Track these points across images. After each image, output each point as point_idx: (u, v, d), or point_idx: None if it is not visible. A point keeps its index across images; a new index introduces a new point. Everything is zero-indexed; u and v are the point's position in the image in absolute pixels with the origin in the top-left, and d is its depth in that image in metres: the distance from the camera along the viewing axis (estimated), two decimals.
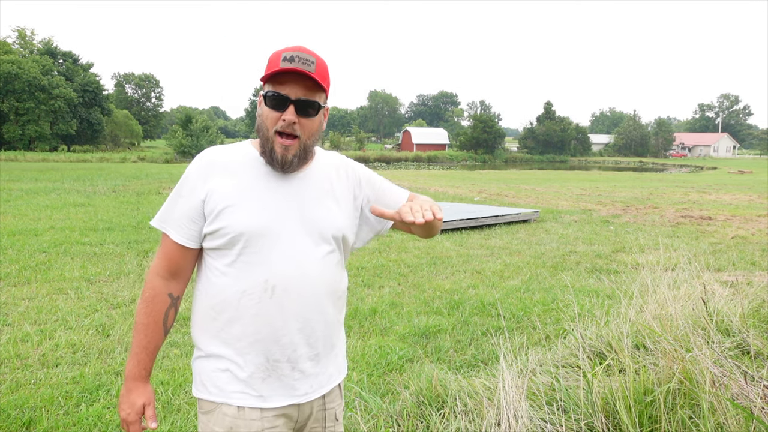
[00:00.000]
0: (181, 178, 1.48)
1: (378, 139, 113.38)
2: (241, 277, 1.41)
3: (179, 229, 1.44)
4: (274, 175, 1.45)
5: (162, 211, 1.48)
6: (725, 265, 7.16)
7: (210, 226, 1.42)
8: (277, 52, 1.42)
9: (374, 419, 2.94)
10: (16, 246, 7.75)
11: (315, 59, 1.41)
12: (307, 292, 1.43)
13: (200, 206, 1.42)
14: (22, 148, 47.07)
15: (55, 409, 3.23)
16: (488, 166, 58.02)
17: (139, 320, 1.47)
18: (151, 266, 1.49)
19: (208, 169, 1.44)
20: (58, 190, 15.42)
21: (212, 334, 1.45)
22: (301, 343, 1.45)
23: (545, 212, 12.81)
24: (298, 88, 1.39)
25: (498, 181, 26.23)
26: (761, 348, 3.35)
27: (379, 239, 9.01)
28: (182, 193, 1.45)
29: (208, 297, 1.46)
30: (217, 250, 1.44)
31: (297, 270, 1.42)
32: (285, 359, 1.44)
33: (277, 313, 1.41)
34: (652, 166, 63.76)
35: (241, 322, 1.41)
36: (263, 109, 1.43)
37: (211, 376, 1.45)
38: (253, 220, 1.40)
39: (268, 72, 1.40)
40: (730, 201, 16.41)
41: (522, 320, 4.96)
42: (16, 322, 4.72)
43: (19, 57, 50.18)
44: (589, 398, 2.67)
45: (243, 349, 1.42)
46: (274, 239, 1.41)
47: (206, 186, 1.42)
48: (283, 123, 1.39)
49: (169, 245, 1.46)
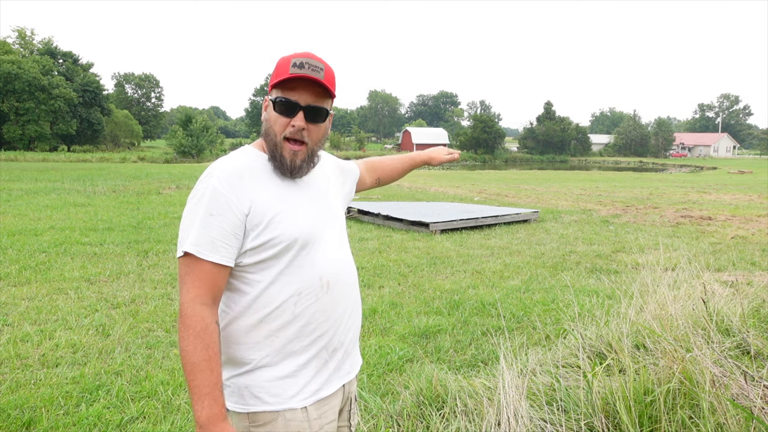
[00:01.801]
0: (199, 197, 1.38)
1: (378, 139, 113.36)
2: (292, 281, 1.41)
3: (222, 249, 1.36)
4: (288, 178, 1.47)
5: (194, 236, 1.35)
6: (725, 265, 7.16)
7: (257, 239, 1.38)
8: (285, 58, 1.43)
9: (374, 419, 2.94)
10: (16, 246, 7.75)
11: (324, 66, 1.43)
12: (350, 279, 1.55)
13: (243, 221, 1.37)
14: (22, 148, 47.10)
15: (55, 409, 3.23)
16: (488, 166, 58.01)
17: (198, 358, 1.31)
18: (187, 297, 1.35)
19: (239, 180, 1.39)
20: (58, 190, 15.42)
21: (263, 346, 1.42)
22: (351, 326, 1.56)
23: (545, 212, 12.81)
24: (308, 94, 1.41)
25: (498, 181, 26.23)
26: (761, 348, 3.35)
27: (380, 239, 9.01)
28: (215, 211, 1.35)
29: (253, 312, 1.41)
30: (262, 263, 1.40)
31: (340, 263, 1.52)
32: (340, 346, 1.52)
33: (333, 305, 1.48)
34: (652, 166, 63.76)
35: (299, 324, 1.43)
36: (271, 114, 1.44)
37: (265, 387, 1.42)
38: (302, 224, 1.43)
39: (278, 78, 1.41)
40: (730, 201, 16.40)
41: (522, 320, 4.96)
42: (16, 322, 4.72)
43: (19, 57, 50.19)
44: (589, 398, 2.67)
45: (303, 349, 1.44)
46: (318, 239, 1.47)
47: (245, 198, 1.38)
48: (292, 129, 1.41)
49: (210, 270, 1.36)
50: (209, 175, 1.39)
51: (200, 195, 1.38)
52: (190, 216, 1.37)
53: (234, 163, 1.43)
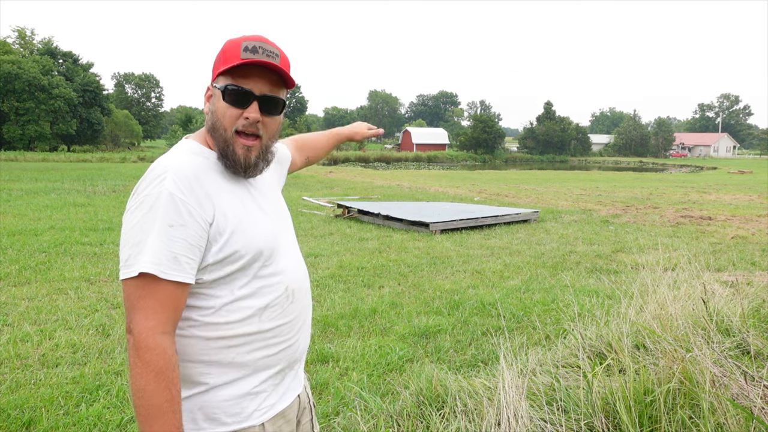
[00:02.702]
0: (151, 205, 1.17)
1: (378, 139, 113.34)
2: (258, 294, 1.28)
3: (186, 266, 1.17)
4: (241, 178, 1.34)
5: (152, 252, 1.14)
6: (725, 265, 7.16)
7: (221, 253, 1.22)
8: (234, 41, 1.27)
9: (374, 419, 2.94)
10: (16, 246, 7.75)
11: (279, 52, 1.28)
12: (307, 287, 1.45)
13: (207, 230, 1.20)
14: (22, 148, 47.03)
15: (55, 409, 3.23)
16: (488, 166, 58.00)
17: (161, 399, 1.12)
18: (144, 326, 1.13)
19: (197, 183, 1.22)
20: (58, 190, 15.42)
21: (222, 364, 1.27)
22: (307, 334, 1.46)
23: (545, 212, 12.81)
24: (263, 82, 1.26)
25: (498, 181, 26.23)
26: (761, 348, 3.35)
27: (380, 239, 9.01)
28: (175, 221, 1.16)
29: (211, 330, 1.24)
30: (224, 278, 1.24)
31: (299, 269, 1.42)
32: (301, 355, 1.43)
33: (297, 314, 1.38)
34: (652, 166, 63.75)
35: (265, 338, 1.29)
36: (220, 105, 1.27)
37: (222, 407, 1.27)
38: (265, 232, 1.30)
39: (228, 64, 1.24)
40: (730, 201, 16.40)
41: (522, 320, 4.96)
42: (16, 322, 4.72)
43: (19, 57, 50.15)
44: (589, 398, 2.67)
45: (267, 364, 1.31)
46: (280, 245, 1.35)
47: (207, 204, 1.21)
48: (245, 121, 1.26)
49: (172, 292, 1.16)
50: (161, 178, 1.19)
51: (152, 202, 1.16)
52: (142, 228, 1.15)
53: (189, 163, 1.25)
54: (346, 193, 17.50)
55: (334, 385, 3.55)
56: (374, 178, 26.26)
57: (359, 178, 25.74)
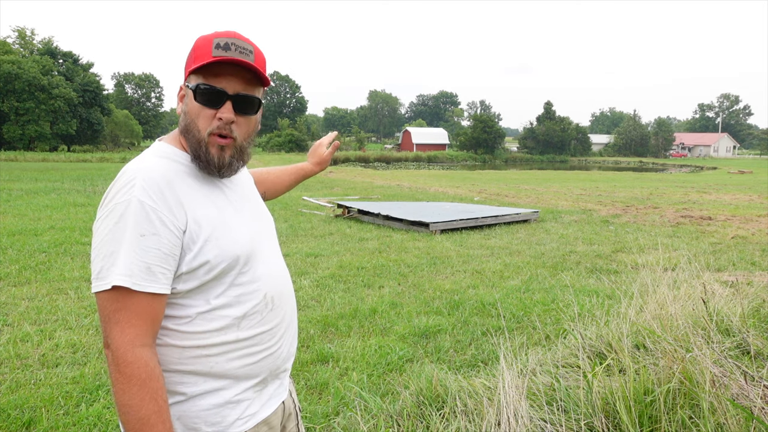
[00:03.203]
0: (120, 214, 1.12)
1: (378, 139, 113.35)
2: (234, 303, 1.24)
3: (161, 276, 1.13)
4: (219, 180, 1.30)
5: (124, 264, 1.10)
6: (725, 265, 7.16)
7: (194, 261, 1.17)
8: (205, 37, 1.22)
9: (374, 419, 2.94)
10: (16, 246, 7.75)
11: (253, 48, 1.23)
12: (290, 292, 1.41)
13: (180, 238, 1.16)
14: (22, 148, 47.07)
15: (55, 409, 3.23)
16: (488, 166, 58.01)
17: (148, 411, 1.10)
18: (122, 339, 1.10)
19: (168, 189, 1.17)
20: (58, 190, 15.42)
21: (201, 374, 1.23)
22: (292, 341, 1.42)
23: (545, 212, 12.80)
24: (237, 81, 1.21)
25: (498, 181, 26.23)
26: (761, 348, 3.35)
27: (380, 239, 9.01)
28: (146, 230, 1.12)
29: (188, 339, 1.21)
30: (199, 288, 1.20)
31: (280, 275, 1.37)
32: (282, 364, 1.38)
33: (278, 321, 1.33)
34: (652, 166, 63.76)
35: (244, 347, 1.26)
36: (192, 106, 1.22)
37: (202, 416, 1.24)
38: (242, 238, 1.25)
39: (199, 62, 1.19)
40: (730, 201, 16.40)
41: (522, 320, 4.96)
42: (16, 322, 4.72)
43: (19, 57, 50.15)
44: (589, 398, 2.67)
45: (248, 373, 1.28)
46: (259, 251, 1.30)
47: (179, 211, 1.16)
48: (219, 122, 1.21)
49: (147, 303, 1.12)
50: (129, 185, 1.14)
51: (122, 211, 1.12)
52: (112, 239, 1.12)
53: (159, 167, 1.19)
54: (346, 193, 17.50)
55: (334, 385, 3.55)
56: (374, 178, 26.26)
57: (359, 178, 25.74)
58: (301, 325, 4.71)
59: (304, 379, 3.70)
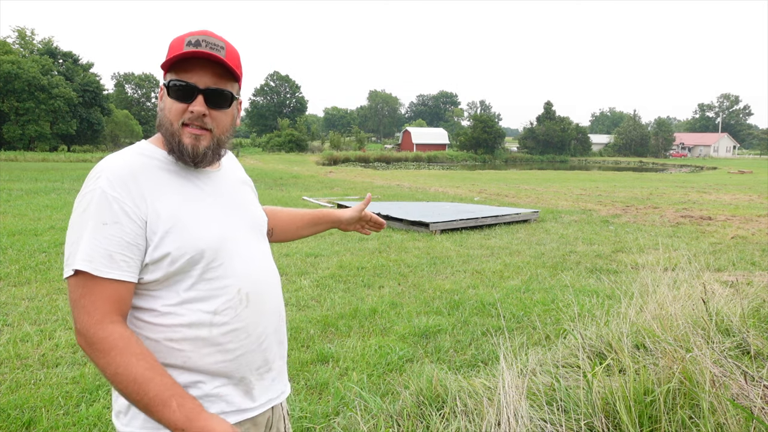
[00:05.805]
0: (86, 204, 1.18)
1: (378, 139, 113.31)
2: (205, 297, 1.24)
3: (123, 263, 1.16)
4: (195, 174, 1.31)
5: (85, 250, 1.14)
6: (725, 265, 7.16)
7: (155, 253, 1.19)
8: (179, 37, 1.26)
9: (374, 419, 2.93)
10: (16, 246, 7.75)
11: (225, 44, 1.27)
12: (273, 290, 1.40)
13: (144, 228, 1.19)
14: (22, 148, 47.05)
15: (55, 409, 3.23)
16: (488, 166, 58.01)
17: (139, 368, 1.12)
18: (89, 321, 1.14)
19: (132, 181, 1.20)
20: (58, 190, 15.42)
21: (174, 368, 1.23)
22: (275, 341, 1.40)
23: (545, 212, 12.80)
24: (207, 75, 1.25)
25: (498, 181, 26.23)
26: (761, 348, 3.35)
27: (380, 239, 9.00)
28: (108, 219, 1.15)
29: (159, 333, 1.22)
30: (165, 280, 1.22)
31: (260, 270, 1.36)
32: (264, 364, 1.36)
33: (254, 320, 1.31)
34: (652, 166, 63.77)
35: (217, 343, 1.25)
36: (167, 101, 1.26)
37: None
38: (210, 231, 1.25)
39: (169, 57, 1.24)
40: (730, 201, 16.40)
41: (522, 320, 4.96)
42: (16, 322, 4.72)
43: (19, 57, 50.14)
44: (589, 398, 2.67)
45: (221, 369, 1.27)
46: (232, 245, 1.29)
47: (141, 202, 1.19)
48: (190, 115, 1.24)
49: (111, 288, 1.15)
50: (96, 177, 1.19)
51: (87, 201, 1.17)
52: (78, 227, 1.17)
53: (125, 161, 1.23)
54: (346, 193, 17.50)
55: (334, 385, 3.55)
56: (374, 178, 26.26)
57: (359, 178, 25.74)
58: (301, 325, 4.71)
59: (304, 379, 3.70)
